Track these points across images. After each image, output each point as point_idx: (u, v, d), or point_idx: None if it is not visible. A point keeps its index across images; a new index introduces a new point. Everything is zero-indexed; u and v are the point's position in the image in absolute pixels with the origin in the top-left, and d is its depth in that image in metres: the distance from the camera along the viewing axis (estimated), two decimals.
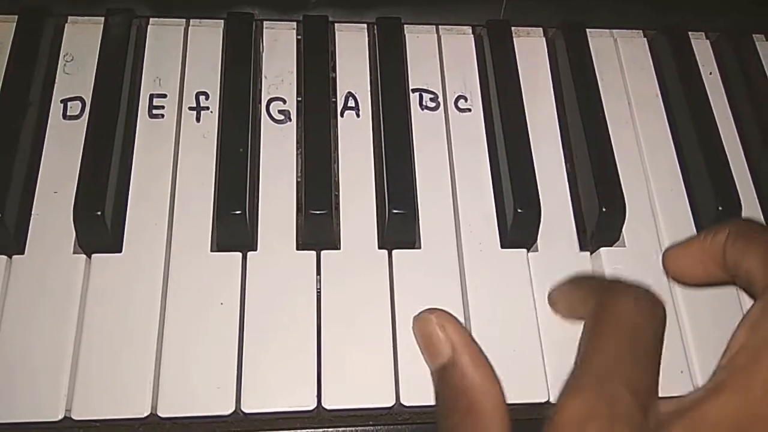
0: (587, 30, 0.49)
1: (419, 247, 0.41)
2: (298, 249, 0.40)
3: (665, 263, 0.40)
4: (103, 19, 0.45)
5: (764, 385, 0.27)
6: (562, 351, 0.38)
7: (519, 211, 0.40)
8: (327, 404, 0.37)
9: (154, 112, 0.43)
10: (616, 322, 0.30)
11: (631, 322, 0.30)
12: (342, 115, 0.44)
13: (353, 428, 0.39)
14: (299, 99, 0.45)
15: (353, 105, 0.45)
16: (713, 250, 0.34)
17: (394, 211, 0.40)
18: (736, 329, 0.30)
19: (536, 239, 0.42)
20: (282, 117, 0.44)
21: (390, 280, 0.40)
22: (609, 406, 0.27)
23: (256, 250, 0.40)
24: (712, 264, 0.35)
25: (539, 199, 0.41)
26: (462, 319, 0.39)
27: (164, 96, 0.44)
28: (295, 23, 0.47)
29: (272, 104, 0.44)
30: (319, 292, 0.39)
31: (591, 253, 0.42)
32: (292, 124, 0.44)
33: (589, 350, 0.30)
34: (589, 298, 0.34)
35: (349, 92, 0.45)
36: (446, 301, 0.39)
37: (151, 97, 0.43)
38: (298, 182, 0.42)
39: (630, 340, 0.30)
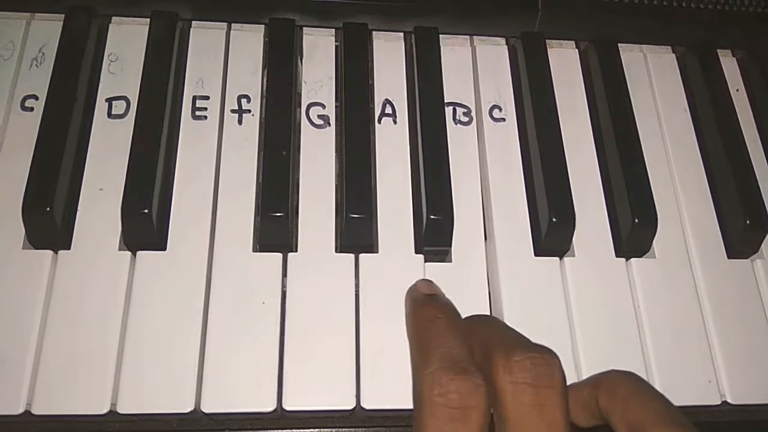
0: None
1: (451, 250, 0.42)
2: (337, 251, 0.41)
3: None
4: (144, 20, 0.46)
5: None
6: (599, 356, 0.39)
7: (554, 220, 0.41)
8: (366, 404, 0.37)
9: (197, 113, 0.44)
10: None
11: None
12: (379, 122, 0.45)
13: (387, 428, 0.40)
14: (338, 104, 0.46)
15: (390, 112, 0.46)
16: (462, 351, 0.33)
17: (432, 216, 0.41)
18: None
19: (569, 248, 0.43)
20: (321, 122, 0.45)
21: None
22: None
23: (296, 251, 0.41)
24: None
25: (573, 209, 0.42)
26: None
27: (207, 98, 0.44)
28: (333, 30, 0.48)
29: (312, 109, 0.45)
30: (357, 294, 0.40)
31: (626, 260, 0.43)
32: (331, 129, 0.45)
33: None
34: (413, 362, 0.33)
35: (387, 99, 0.46)
36: (481, 307, 0.40)
37: (194, 98, 0.44)
38: (336, 186, 0.43)
39: None
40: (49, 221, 0.38)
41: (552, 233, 0.42)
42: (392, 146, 0.45)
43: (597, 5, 0.48)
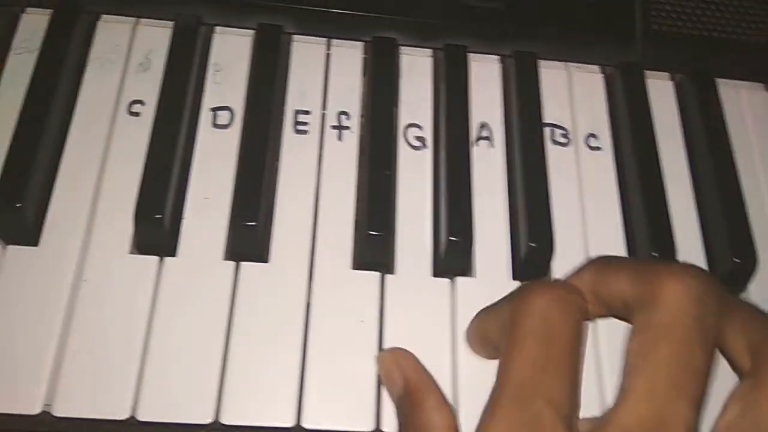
0: None
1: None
2: (434, 276, 0.41)
3: None
4: (247, 31, 0.47)
5: (664, 378, 0.28)
6: None
7: (654, 255, 0.41)
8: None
9: (299, 127, 0.44)
10: (529, 325, 0.31)
11: (544, 323, 0.30)
12: (476, 145, 0.45)
13: None
14: (435, 126, 0.46)
15: (487, 135, 0.46)
16: (583, 288, 0.34)
17: (531, 244, 0.41)
18: (627, 345, 0.30)
19: None
20: (419, 143, 0.45)
21: None
22: (532, 429, 0.28)
23: (393, 273, 0.41)
24: None
25: (674, 244, 0.42)
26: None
27: (308, 113, 0.45)
28: (431, 50, 0.48)
29: (409, 130, 0.45)
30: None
31: None
32: (428, 151, 0.45)
33: (505, 364, 0.31)
34: (503, 312, 0.33)
35: (483, 122, 0.46)
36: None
37: (296, 113, 0.45)
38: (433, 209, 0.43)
39: (547, 344, 0.30)
40: (159, 228, 0.38)
41: None
42: (489, 169, 0.45)
43: (697, 39, 0.48)
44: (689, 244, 0.44)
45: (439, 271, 0.41)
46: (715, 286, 0.30)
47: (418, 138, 0.45)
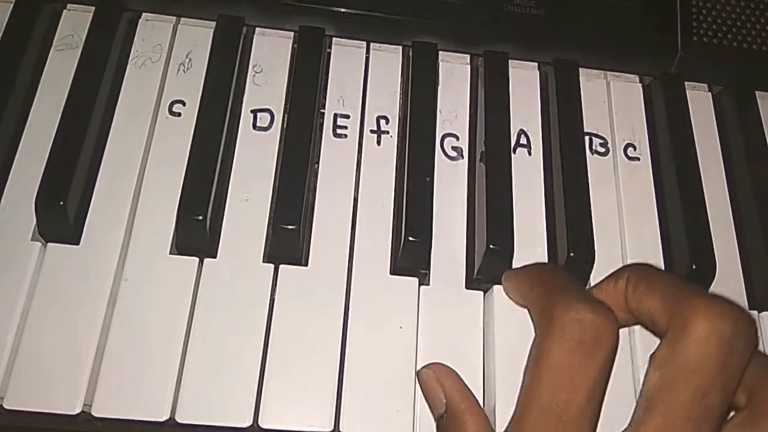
0: None
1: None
2: (467, 287, 0.41)
3: None
4: (287, 33, 0.47)
5: (681, 420, 0.29)
6: None
7: (694, 268, 0.41)
8: None
9: (338, 131, 0.44)
10: (552, 372, 0.31)
11: (570, 370, 0.30)
12: (514, 152, 0.45)
13: None
14: (471, 136, 0.46)
15: (525, 142, 0.46)
16: (616, 296, 0.34)
17: (572, 254, 0.41)
18: (648, 369, 0.31)
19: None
20: (455, 153, 0.45)
21: None
22: None
23: (428, 282, 0.41)
24: (616, 309, 0.34)
25: (715, 259, 0.42)
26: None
27: (347, 117, 0.45)
28: (468, 57, 0.48)
29: (446, 140, 0.45)
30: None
31: (759, 313, 0.42)
32: (464, 162, 0.45)
33: (523, 405, 0.31)
34: (539, 304, 0.34)
35: (521, 129, 0.46)
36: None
37: (335, 116, 0.44)
38: (467, 219, 0.43)
39: (570, 392, 0.30)
40: (201, 229, 0.38)
41: (693, 278, 0.41)
42: (527, 178, 0.45)
43: (738, 51, 0.48)
44: (727, 257, 0.44)
45: (474, 279, 0.41)
46: (747, 328, 0.30)
47: (455, 148, 0.45)
